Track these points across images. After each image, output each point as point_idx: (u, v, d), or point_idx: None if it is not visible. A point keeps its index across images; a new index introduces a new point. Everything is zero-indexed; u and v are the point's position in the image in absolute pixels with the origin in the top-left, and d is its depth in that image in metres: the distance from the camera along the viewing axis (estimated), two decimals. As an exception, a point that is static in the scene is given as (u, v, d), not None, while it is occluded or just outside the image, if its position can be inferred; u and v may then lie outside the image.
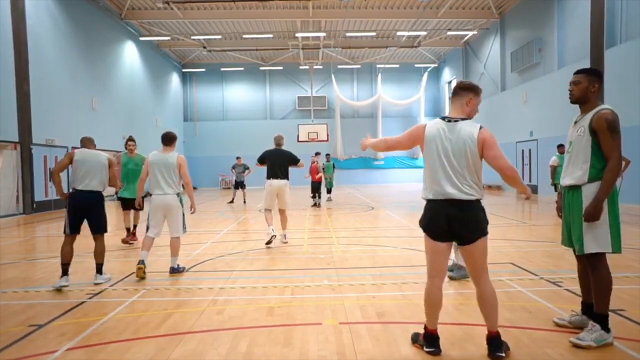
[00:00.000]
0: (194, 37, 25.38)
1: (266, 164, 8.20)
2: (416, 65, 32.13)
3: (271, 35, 25.16)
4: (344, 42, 26.90)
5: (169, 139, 6.14)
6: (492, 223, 4.25)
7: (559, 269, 5.90)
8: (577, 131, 3.54)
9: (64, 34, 17.42)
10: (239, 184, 17.67)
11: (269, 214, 8.21)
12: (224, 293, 5.10)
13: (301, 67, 31.15)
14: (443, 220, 3.18)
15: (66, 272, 5.37)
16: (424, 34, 25.55)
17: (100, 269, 5.62)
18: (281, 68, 31.21)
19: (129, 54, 23.28)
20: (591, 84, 3.51)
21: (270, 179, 8.11)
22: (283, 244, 8.17)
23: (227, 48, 27.74)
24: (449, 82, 31.06)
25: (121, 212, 8.77)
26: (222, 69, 31.68)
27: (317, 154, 16.71)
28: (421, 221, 3.36)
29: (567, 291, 4.88)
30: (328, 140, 28.35)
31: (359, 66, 31.57)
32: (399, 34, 25.41)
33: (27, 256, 7.79)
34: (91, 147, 5.84)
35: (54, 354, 3.44)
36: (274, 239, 8.05)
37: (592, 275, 3.50)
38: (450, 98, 3.39)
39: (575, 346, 3.37)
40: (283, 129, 27.00)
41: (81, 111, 18.31)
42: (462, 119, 3.24)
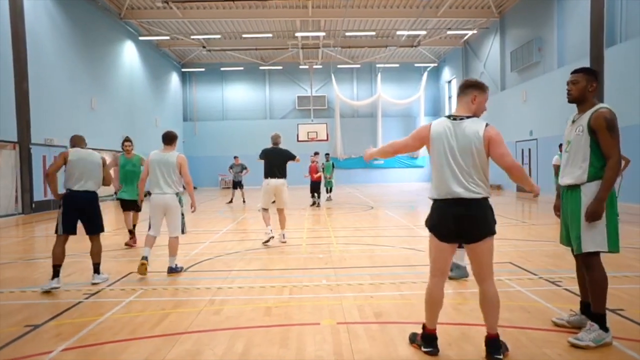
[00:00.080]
0: (193, 37, 25.35)
1: (263, 163, 8.21)
2: (416, 65, 32.09)
3: (271, 35, 25.14)
4: (343, 42, 26.88)
5: (169, 138, 6.13)
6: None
7: (558, 268, 5.88)
8: (576, 130, 3.53)
9: (63, 34, 17.40)
10: (236, 184, 17.64)
11: (266, 213, 8.22)
12: (222, 293, 5.08)
13: (301, 67, 31.12)
14: (450, 221, 3.14)
15: (57, 274, 5.25)
16: (423, 33, 25.52)
17: (98, 269, 5.59)
18: (281, 68, 31.19)
19: (128, 53, 23.25)
20: (589, 83, 3.51)
21: (268, 178, 8.11)
22: (282, 243, 8.15)
23: (227, 48, 27.71)
24: (449, 82, 31.03)
25: (121, 212, 8.71)
26: (222, 69, 31.66)
27: (316, 153, 16.68)
28: (427, 221, 3.31)
29: (566, 291, 4.85)
30: (328, 139, 28.34)
31: (358, 66, 31.54)
32: (398, 33, 25.38)
33: (25, 256, 7.77)
34: (83, 145, 5.72)
35: (50, 355, 3.42)
36: (272, 239, 8.06)
37: (587, 275, 3.51)
38: (457, 97, 3.36)
39: (574, 346, 3.35)
40: (283, 128, 26.85)
41: (80, 111, 18.29)
42: (468, 116, 3.21)
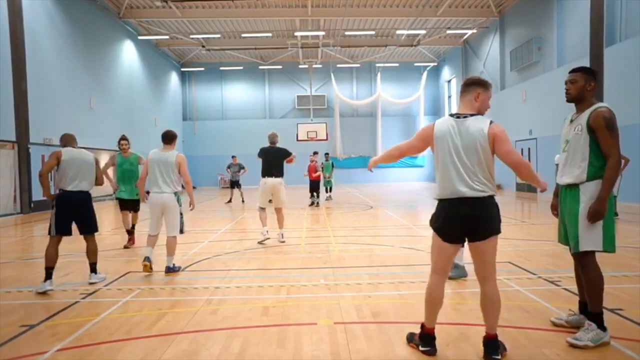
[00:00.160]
0: (192, 36, 25.31)
1: (261, 162, 8.19)
2: (415, 64, 32.04)
3: (270, 34, 25.09)
4: (343, 41, 26.84)
5: (169, 137, 6.11)
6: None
7: (557, 268, 5.86)
8: (574, 129, 3.51)
9: (62, 33, 17.36)
10: (234, 184, 17.59)
11: (263, 213, 8.21)
12: (219, 293, 5.05)
13: (300, 66, 31.07)
14: (456, 222, 3.11)
15: (50, 276, 5.15)
16: (423, 32, 25.47)
17: (95, 268, 5.56)
18: (280, 67, 31.15)
19: (128, 53, 23.21)
20: (587, 82, 3.50)
21: (265, 177, 8.10)
22: (280, 243, 8.13)
23: (226, 47, 27.67)
24: (449, 81, 31.00)
25: (119, 212, 8.62)
26: (221, 68, 31.61)
27: (315, 153, 16.66)
28: (432, 221, 3.28)
29: (565, 290, 4.83)
30: (327, 139, 28.31)
31: (358, 65, 31.50)
32: (398, 32, 25.33)
33: (23, 256, 7.75)
34: (75, 145, 5.64)
35: (44, 355, 3.39)
36: (268, 240, 8.07)
37: (582, 274, 3.51)
38: (459, 95, 3.33)
39: (572, 346, 3.33)
40: (282, 128, 26.69)
41: (79, 110, 18.25)
42: (472, 114, 3.18)
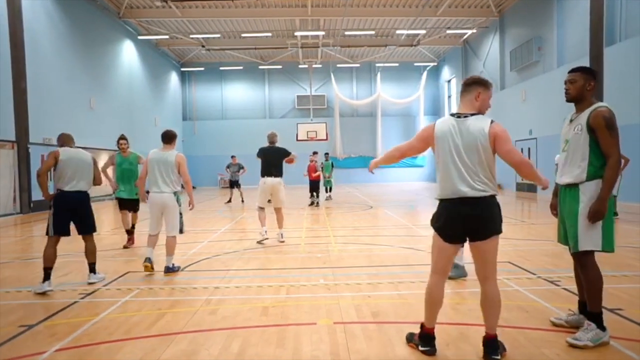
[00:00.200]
0: (192, 36, 25.29)
1: (260, 162, 8.20)
2: (415, 64, 32.03)
3: (270, 34, 25.08)
4: (343, 41, 26.83)
5: (168, 137, 6.11)
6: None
7: (557, 267, 5.85)
8: (574, 129, 3.51)
9: (62, 33, 17.35)
10: (233, 183, 17.59)
11: (262, 212, 8.22)
12: (219, 293, 5.05)
13: (300, 66, 31.06)
14: (457, 222, 3.11)
15: (48, 277, 5.12)
16: (423, 32, 25.46)
17: (94, 268, 5.55)
18: (280, 67, 31.14)
19: (127, 53, 23.20)
20: (587, 82, 3.49)
21: (265, 177, 8.11)
22: (280, 243, 8.12)
23: (226, 47, 27.66)
24: (448, 81, 30.98)
25: (119, 212, 8.57)
26: (221, 68, 31.60)
27: (314, 153, 16.65)
28: (433, 221, 3.27)
29: (565, 290, 4.83)
30: (327, 139, 28.29)
31: (358, 65, 31.48)
32: (398, 32, 25.32)
33: (23, 255, 7.74)
34: (72, 144, 5.62)
35: (43, 355, 3.38)
36: (266, 240, 8.10)
37: (582, 274, 3.51)
38: (460, 94, 3.32)
39: (572, 346, 3.33)
40: (282, 127, 26.70)
41: (79, 110, 18.23)
42: (473, 114, 3.17)
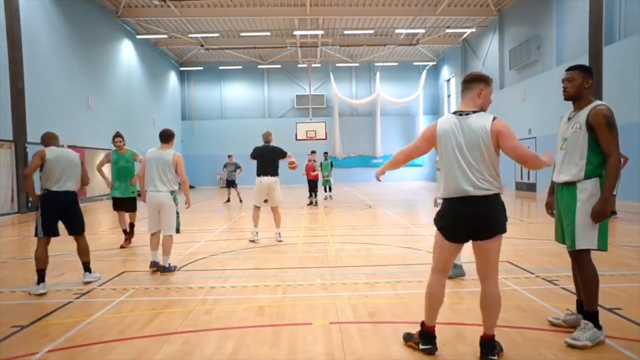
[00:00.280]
0: (191, 35, 25.22)
1: (256, 161, 8.18)
2: (415, 63, 31.96)
3: (269, 34, 25.00)
4: (342, 40, 26.76)
5: (166, 136, 6.09)
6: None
7: (555, 267, 5.82)
8: (573, 127, 3.49)
9: (60, 32, 17.28)
10: (230, 183, 17.56)
11: (257, 212, 8.24)
12: (214, 292, 5.01)
13: (299, 66, 30.99)
14: (460, 222, 3.07)
15: (42, 279, 5.05)
16: (422, 31, 25.40)
17: (88, 268, 5.51)
18: (279, 66, 31.06)
19: (126, 52, 23.13)
20: (585, 80, 3.47)
21: (261, 177, 8.11)
22: (278, 242, 8.08)
23: (225, 46, 27.58)
24: (448, 80, 30.93)
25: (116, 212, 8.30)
26: (220, 68, 31.52)
27: (313, 152, 16.61)
28: (436, 220, 3.24)
29: (563, 290, 4.79)
30: (326, 138, 28.25)
31: (357, 64, 31.41)
32: (397, 31, 25.25)
33: (19, 255, 7.69)
34: (57, 144, 5.53)
35: (35, 356, 3.34)
36: (262, 240, 8.13)
37: (578, 273, 3.48)
38: (461, 92, 3.27)
39: (571, 347, 3.29)
40: (281, 127, 26.58)
41: (77, 110, 18.13)
42: (474, 111, 3.12)
